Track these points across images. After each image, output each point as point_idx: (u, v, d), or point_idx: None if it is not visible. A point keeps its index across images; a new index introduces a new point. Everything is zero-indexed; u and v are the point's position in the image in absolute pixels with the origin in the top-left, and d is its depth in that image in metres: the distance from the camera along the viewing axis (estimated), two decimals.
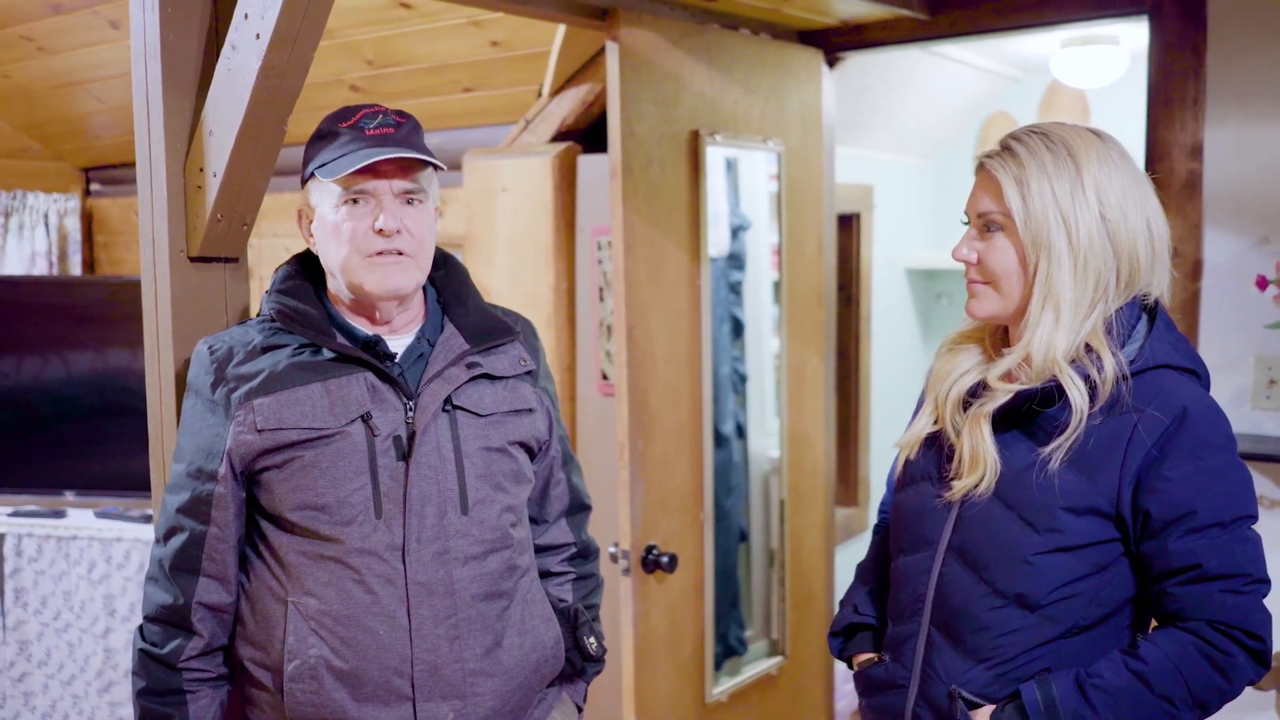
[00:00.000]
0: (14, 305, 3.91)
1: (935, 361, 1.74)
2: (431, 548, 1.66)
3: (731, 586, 3.53)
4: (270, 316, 1.73)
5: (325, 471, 1.64)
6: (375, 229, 1.66)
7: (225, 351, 1.70)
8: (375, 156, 1.62)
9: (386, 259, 1.67)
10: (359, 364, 1.68)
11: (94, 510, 3.61)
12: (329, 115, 1.72)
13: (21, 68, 3.93)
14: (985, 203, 1.60)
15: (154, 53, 1.81)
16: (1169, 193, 2.77)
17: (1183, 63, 2.74)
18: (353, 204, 1.67)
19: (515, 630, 1.74)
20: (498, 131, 3.35)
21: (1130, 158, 1.61)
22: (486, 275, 3.21)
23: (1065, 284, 1.54)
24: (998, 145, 1.62)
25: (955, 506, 1.60)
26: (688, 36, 2.76)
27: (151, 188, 1.85)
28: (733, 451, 3.49)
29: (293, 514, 1.65)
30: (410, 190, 1.69)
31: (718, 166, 3.32)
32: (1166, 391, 1.52)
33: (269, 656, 1.68)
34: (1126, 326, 1.56)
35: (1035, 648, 1.55)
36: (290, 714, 1.66)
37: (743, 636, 3.54)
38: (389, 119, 1.70)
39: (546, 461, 1.88)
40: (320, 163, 1.67)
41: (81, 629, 3.52)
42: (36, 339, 3.84)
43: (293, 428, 1.64)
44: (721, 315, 3.48)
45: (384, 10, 2.94)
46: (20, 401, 3.85)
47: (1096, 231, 1.53)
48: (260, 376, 1.66)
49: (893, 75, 3.85)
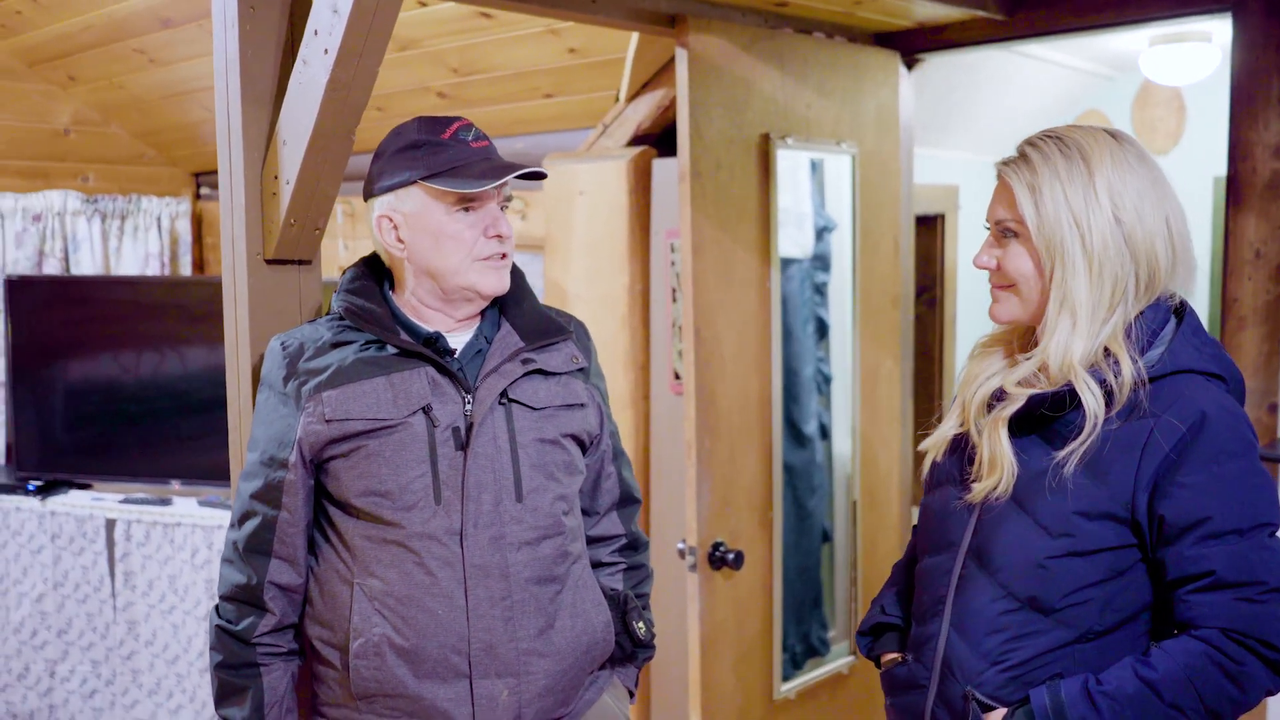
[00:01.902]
0: (132, 304, 4.14)
1: (967, 363, 1.75)
2: (488, 533, 1.75)
3: (814, 586, 3.55)
4: (339, 314, 1.83)
5: (388, 460, 1.73)
6: (490, 235, 1.78)
7: (296, 347, 1.81)
8: (509, 174, 1.75)
9: (496, 262, 1.80)
10: (421, 359, 1.78)
11: (197, 499, 3.81)
12: (413, 125, 1.79)
13: (135, 79, 4.15)
14: (1000, 210, 1.61)
15: (234, 68, 1.92)
16: (1251, 193, 2.71)
17: (1266, 60, 2.68)
18: (464, 211, 1.77)
19: (567, 613, 1.82)
20: (578, 136, 3.43)
21: (1149, 158, 1.60)
22: (564, 277, 3.29)
23: (1081, 289, 1.54)
24: (1015, 151, 1.63)
25: (976, 509, 1.61)
26: (758, 41, 2.80)
27: (231, 194, 1.97)
28: (816, 452, 3.50)
29: (358, 500, 1.75)
30: (508, 199, 1.84)
31: (802, 168, 3.34)
32: (1186, 397, 1.50)
33: (336, 635, 1.78)
34: (1150, 330, 1.55)
35: (1049, 652, 1.54)
36: (355, 690, 1.75)
37: (825, 637, 3.55)
38: (480, 132, 1.82)
39: (598, 455, 1.96)
40: (428, 172, 1.75)
41: (185, 611, 3.71)
42: (152, 336, 4.05)
43: (359, 418, 1.73)
44: (806, 316, 3.50)
45: (466, 20, 3.04)
46: (137, 396, 4.07)
47: (1111, 235, 1.53)
48: (329, 370, 1.76)
49: (979, 75, 3.82)
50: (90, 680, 3.88)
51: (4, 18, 3.96)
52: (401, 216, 1.79)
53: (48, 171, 4.53)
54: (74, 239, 4.48)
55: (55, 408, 4.13)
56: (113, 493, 3.91)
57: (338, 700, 1.80)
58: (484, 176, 1.74)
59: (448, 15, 3.03)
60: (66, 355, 4.14)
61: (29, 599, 3.92)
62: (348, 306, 1.82)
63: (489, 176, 1.74)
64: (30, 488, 3.92)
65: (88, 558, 3.82)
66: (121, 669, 3.83)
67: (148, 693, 3.80)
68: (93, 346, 4.14)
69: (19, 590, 3.94)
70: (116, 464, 4.01)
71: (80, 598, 3.85)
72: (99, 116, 4.60)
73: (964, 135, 4.10)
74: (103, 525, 3.79)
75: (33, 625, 3.93)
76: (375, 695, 1.75)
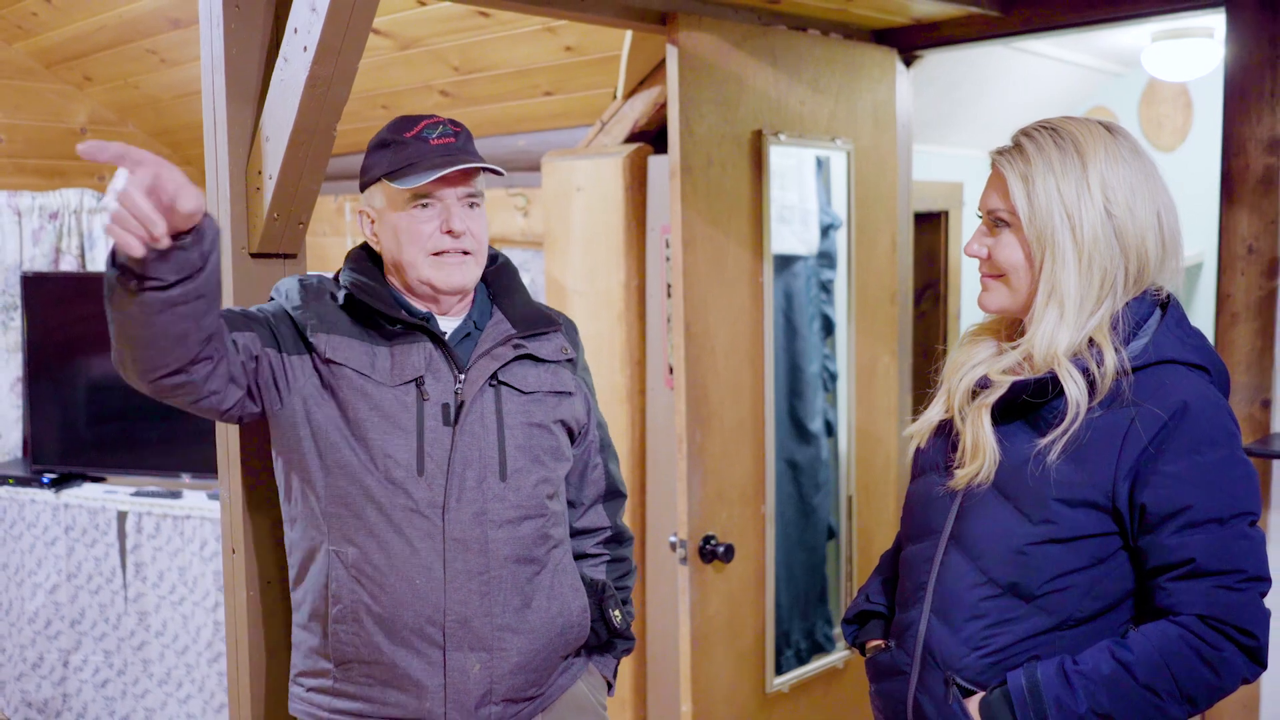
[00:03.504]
0: None
1: (954, 351, 1.77)
2: (470, 508, 1.79)
3: (819, 582, 3.56)
4: (346, 287, 1.88)
5: (376, 425, 1.79)
6: (444, 230, 1.81)
7: (316, 287, 1.87)
8: (452, 167, 1.78)
9: (451, 257, 1.83)
10: (421, 335, 1.83)
11: (206, 492, 3.87)
12: (389, 125, 1.86)
13: (149, 79, 4.22)
14: (993, 200, 1.63)
15: (219, 66, 1.97)
16: (1244, 188, 2.70)
17: (1259, 55, 2.67)
18: (421, 208, 1.82)
19: (544, 595, 1.86)
20: (577, 133, 3.46)
21: (1143, 152, 1.60)
22: (562, 272, 3.32)
23: (1070, 281, 1.55)
24: (1010, 141, 1.64)
25: (958, 496, 1.63)
26: (751, 38, 2.82)
27: (217, 189, 2.02)
28: (821, 448, 3.51)
29: (342, 464, 1.79)
30: (472, 195, 1.86)
31: (807, 165, 3.36)
32: (1168, 386, 1.51)
33: (315, 601, 1.83)
34: (1135, 321, 1.57)
35: (1029, 638, 1.56)
36: (334, 654, 1.81)
37: (829, 633, 3.56)
38: (448, 129, 1.85)
39: (585, 446, 2.00)
40: (388, 170, 1.82)
41: (194, 602, 3.77)
42: None
43: (354, 370, 1.79)
44: (812, 313, 3.51)
45: (465, 19, 3.07)
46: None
47: (1101, 228, 1.54)
48: (335, 322, 1.83)
49: (984, 72, 3.83)
50: (102, 670, 3.95)
51: (20, 19, 4.04)
52: (374, 212, 1.87)
53: (64, 170, 4.61)
54: (90, 236, 4.55)
55: (70, 402, 4.20)
56: (125, 486, 3.98)
57: (315, 671, 1.85)
58: (431, 171, 1.78)
59: (447, 14, 3.07)
60: (82, 351, 4.21)
61: (43, 590, 4.00)
62: (354, 283, 1.87)
63: (435, 171, 1.78)
64: (45, 480, 4.00)
65: (100, 549, 3.89)
66: (133, 659, 3.89)
67: (158, 682, 3.86)
68: (107, 342, 4.17)
69: (34, 581, 4.01)
70: (129, 457, 4.08)
71: (93, 589, 3.92)
72: (114, 116, 4.68)
73: (968, 132, 4.10)
74: (114, 518, 3.86)
75: (47, 615, 4.00)
76: (352, 661, 1.80)
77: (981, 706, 1.56)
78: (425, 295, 1.87)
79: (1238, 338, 2.73)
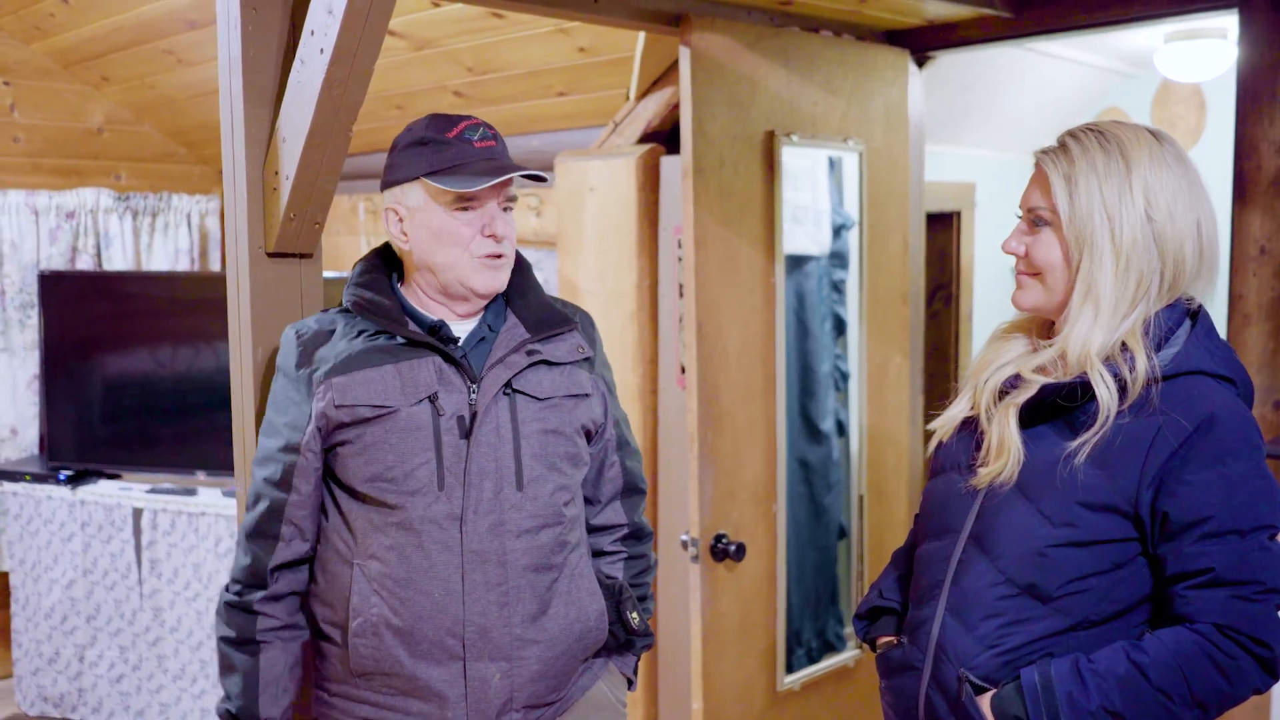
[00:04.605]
0: (162, 299, 4.24)
1: (983, 348, 1.78)
2: (487, 519, 1.80)
3: (830, 582, 3.57)
4: (348, 307, 1.89)
5: (394, 446, 1.79)
6: (486, 234, 1.82)
7: (310, 335, 1.88)
8: (505, 174, 1.79)
9: (493, 261, 1.85)
10: (428, 349, 1.83)
11: (221, 489, 3.90)
12: (423, 122, 1.85)
13: (165, 79, 4.25)
14: (1035, 198, 1.64)
15: (236, 68, 1.99)
16: (1256, 190, 2.70)
17: (1272, 56, 2.67)
18: (463, 210, 1.82)
19: (561, 601, 1.86)
20: (591, 134, 3.47)
21: (1187, 160, 1.61)
22: (576, 272, 3.34)
23: (1106, 282, 1.56)
24: (1056, 141, 1.65)
25: (979, 495, 1.64)
26: (764, 40, 2.83)
27: (235, 189, 2.04)
28: (833, 448, 3.52)
29: (364, 485, 1.81)
30: (511, 199, 1.87)
31: (820, 166, 3.37)
32: (1196, 397, 1.52)
33: (336, 614, 1.84)
34: (1166, 329, 1.57)
35: (1044, 638, 1.57)
36: (354, 667, 1.82)
37: (840, 632, 3.57)
38: (488, 132, 1.86)
39: (602, 444, 2.00)
40: (429, 169, 1.81)
41: (208, 599, 3.80)
42: (181, 331, 4.14)
43: (366, 405, 1.79)
44: (824, 314, 3.52)
45: (479, 20, 3.09)
46: (165, 388, 4.16)
47: (1141, 232, 1.55)
48: (340, 358, 1.82)
49: (997, 73, 3.83)
50: (118, 665, 3.98)
51: (38, 20, 4.07)
52: (406, 210, 1.85)
53: (81, 169, 4.65)
54: (106, 235, 4.59)
55: (86, 400, 4.24)
56: (140, 483, 4.01)
57: (339, 677, 1.86)
58: (482, 176, 1.79)
59: (461, 15, 3.09)
60: (98, 349, 4.25)
61: (60, 585, 4.04)
62: (356, 300, 1.87)
63: (487, 176, 1.78)
64: (61, 477, 4.03)
65: (115, 545, 3.93)
66: (148, 654, 3.93)
67: (173, 677, 3.89)
68: (123, 340, 4.24)
69: (50, 576, 4.05)
70: (145, 455, 4.11)
71: (108, 585, 3.96)
72: (131, 116, 4.71)
73: (981, 133, 4.10)
74: (130, 514, 3.89)
75: (63, 611, 4.04)
76: (373, 673, 1.81)
77: (994, 701, 1.56)
78: (456, 296, 1.87)
79: (1249, 338, 2.74)
